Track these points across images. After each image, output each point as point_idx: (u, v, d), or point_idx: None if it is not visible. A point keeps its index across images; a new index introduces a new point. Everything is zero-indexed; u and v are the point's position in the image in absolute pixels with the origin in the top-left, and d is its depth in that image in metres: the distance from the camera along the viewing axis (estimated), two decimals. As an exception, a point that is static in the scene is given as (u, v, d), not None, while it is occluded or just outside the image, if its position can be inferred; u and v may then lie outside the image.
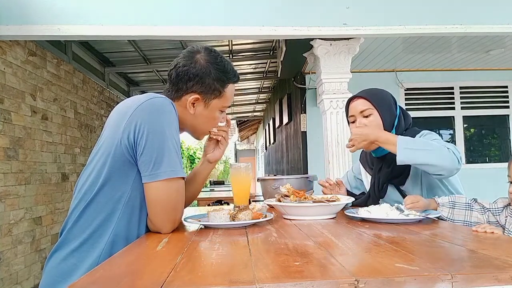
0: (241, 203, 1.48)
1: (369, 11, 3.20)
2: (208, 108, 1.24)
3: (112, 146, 1.07)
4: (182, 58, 1.22)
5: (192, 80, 1.19)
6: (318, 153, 4.65)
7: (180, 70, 1.20)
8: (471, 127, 5.76)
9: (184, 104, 1.22)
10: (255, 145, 18.31)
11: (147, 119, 1.05)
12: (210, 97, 1.22)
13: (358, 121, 1.57)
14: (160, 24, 3.05)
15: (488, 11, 3.24)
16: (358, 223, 1.22)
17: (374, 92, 1.59)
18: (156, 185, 1.05)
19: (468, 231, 1.08)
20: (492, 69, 5.45)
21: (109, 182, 1.07)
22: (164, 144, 1.05)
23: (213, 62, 1.21)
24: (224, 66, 1.23)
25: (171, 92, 1.24)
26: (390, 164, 1.55)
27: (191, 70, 1.19)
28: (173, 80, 1.22)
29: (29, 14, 2.92)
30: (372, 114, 1.55)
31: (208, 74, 1.20)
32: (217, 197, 6.15)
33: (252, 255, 0.81)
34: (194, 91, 1.20)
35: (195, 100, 1.21)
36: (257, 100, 9.93)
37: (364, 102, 1.56)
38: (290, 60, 4.66)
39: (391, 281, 0.61)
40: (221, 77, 1.22)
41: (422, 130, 1.57)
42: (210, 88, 1.21)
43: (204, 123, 1.27)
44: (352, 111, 1.59)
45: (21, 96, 3.55)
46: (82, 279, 0.67)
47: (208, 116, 1.26)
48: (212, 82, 1.21)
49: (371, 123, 1.54)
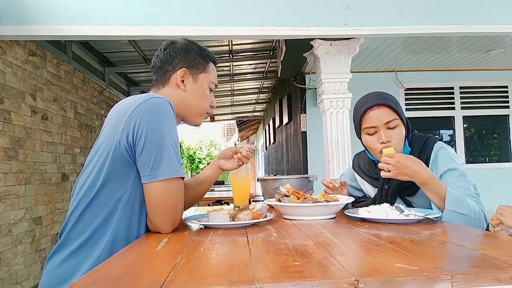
0: (241, 203, 1.48)
1: (369, 11, 3.20)
2: (197, 83, 1.28)
3: (111, 147, 1.06)
4: (162, 46, 1.30)
5: (176, 57, 1.26)
6: (318, 153, 4.65)
7: (162, 55, 1.27)
8: (471, 127, 5.76)
9: (175, 84, 1.26)
10: (255, 145, 18.31)
11: (146, 119, 1.05)
12: (196, 71, 1.28)
13: (383, 134, 1.36)
14: (160, 24, 3.05)
15: (488, 11, 3.24)
16: (358, 223, 1.22)
17: (393, 99, 1.39)
18: (155, 185, 1.04)
19: (468, 231, 1.08)
20: (492, 69, 5.45)
21: (109, 182, 1.07)
22: (163, 144, 1.05)
23: (191, 42, 1.31)
24: (201, 46, 1.32)
25: (159, 79, 1.28)
26: None
27: (173, 49, 1.27)
28: (158, 65, 1.27)
29: (29, 14, 2.92)
30: (398, 125, 1.36)
31: (189, 49, 1.28)
32: (217, 197, 6.15)
33: (252, 255, 0.81)
34: (180, 67, 1.26)
35: (183, 74, 1.25)
36: (257, 100, 9.93)
37: (389, 112, 1.36)
38: (290, 60, 4.66)
39: (391, 281, 0.61)
40: (202, 53, 1.30)
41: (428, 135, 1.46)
42: (195, 63, 1.28)
43: (197, 100, 1.29)
44: (375, 122, 1.37)
45: (21, 96, 3.55)
46: (82, 279, 0.67)
47: (199, 92, 1.29)
48: (195, 56, 1.28)
49: (399, 135, 1.37)
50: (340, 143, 3.33)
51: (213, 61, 1.34)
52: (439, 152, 1.38)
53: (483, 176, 5.13)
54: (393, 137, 1.36)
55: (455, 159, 1.39)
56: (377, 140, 1.38)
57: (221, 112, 11.36)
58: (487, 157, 5.76)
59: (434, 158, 1.38)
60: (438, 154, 1.38)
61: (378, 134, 1.38)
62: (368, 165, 1.58)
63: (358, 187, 1.72)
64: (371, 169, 1.57)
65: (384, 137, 1.36)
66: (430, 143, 1.41)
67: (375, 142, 1.39)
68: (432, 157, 1.39)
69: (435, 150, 1.39)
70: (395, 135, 1.36)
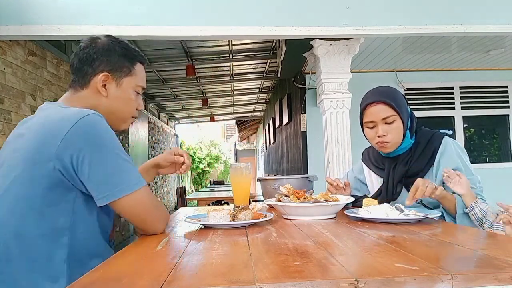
0: (241, 203, 1.48)
1: (369, 11, 3.20)
2: (121, 88, 1.16)
3: (37, 173, 0.95)
4: (82, 43, 1.16)
5: (97, 59, 1.13)
6: (318, 153, 4.65)
7: (81, 54, 1.13)
8: (471, 127, 5.76)
9: (95, 88, 1.13)
10: (255, 145, 18.31)
11: (86, 143, 0.96)
12: (120, 75, 1.15)
13: (381, 128, 1.49)
14: (160, 24, 3.05)
15: (488, 11, 3.24)
16: (358, 223, 1.22)
17: (393, 96, 1.50)
18: (125, 201, 0.99)
19: (468, 231, 1.08)
20: (492, 69, 5.45)
21: (44, 213, 0.96)
22: (114, 161, 0.99)
23: (115, 41, 1.17)
24: (127, 45, 1.19)
25: (77, 80, 1.14)
26: (406, 163, 1.53)
27: (93, 50, 1.13)
28: (77, 66, 1.14)
29: (29, 14, 2.92)
30: (395, 121, 1.48)
31: (112, 50, 1.14)
32: (217, 197, 6.15)
33: (252, 255, 0.81)
34: (101, 70, 1.13)
35: (105, 78, 1.13)
36: (257, 100, 9.93)
37: (386, 109, 1.48)
38: (290, 60, 4.66)
39: (391, 281, 0.61)
40: (126, 54, 1.17)
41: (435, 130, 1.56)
42: (118, 65, 1.15)
43: (121, 106, 1.17)
44: (373, 117, 1.50)
45: (21, 96, 3.55)
46: (82, 279, 0.67)
47: (123, 97, 1.17)
48: (118, 58, 1.15)
49: (396, 130, 1.49)
50: (340, 143, 3.33)
51: (140, 61, 1.22)
52: (447, 146, 1.49)
53: (483, 176, 5.07)
54: (389, 132, 1.49)
55: (462, 154, 1.50)
56: (375, 134, 1.53)
57: (221, 112, 11.37)
58: (487, 157, 5.76)
59: (443, 151, 1.49)
60: (447, 148, 1.49)
61: (376, 128, 1.52)
62: (377, 157, 1.70)
63: (365, 181, 1.79)
64: (379, 160, 1.69)
65: (380, 131, 1.50)
66: (437, 137, 1.52)
67: (374, 135, 1.54)
68: (441, 149, 1.49)
69: (444, 144, 1.50)
70: (391, 130, 1.49)
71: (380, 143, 1.52)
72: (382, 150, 1.57)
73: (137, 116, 1.24)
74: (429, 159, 1.51)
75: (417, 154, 1.53)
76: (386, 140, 1.50)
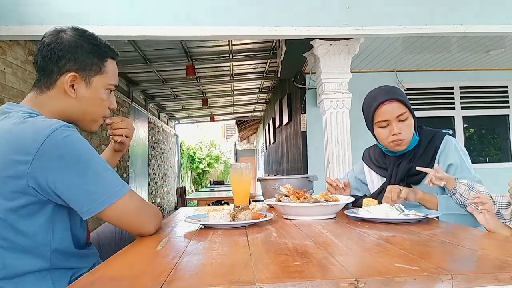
0: (241, 203, 1.48)
1: (369, 11, 3.20)
2: (91, 88, 1.07)
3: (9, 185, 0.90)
4: (46, 38, 1.05)
5: (63, 58, 1.03)
6: (318, 153, 4.65)
7: (45, 51, 1.03)
8: (471, 127, 5.76)
9: (62, 88, 1.04)
10: (255, 145, 18.32)
11: (60, 160, 0.91)
12: (89, 74, 1.06)
13: (395, 126, 1.49)
14: (160, 24, 3.05)
15: (488, 11, 3.24)
16: (358, 223, 1.22)
17: (401, 93, 1.53)
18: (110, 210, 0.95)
19: (468, 231, 1.08)
20: (492, 69, 5.45)
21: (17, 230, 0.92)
22: (93, 173, 0.94)
23: (82, 35, 1.06)
24: (96, 39, 1.09)
25: (42, 80, 1.05)
26: (410, 161, 1.54)
27: (58, 46, 1.03)
28: (41, 64, 1.04)
29: (29, 14, 2.92)
30: (408, 118, 1.50)
31: (79, 47, 1.04)
32: (217, 197, 6.15)
33: (252, 255, 0.81)
34: (68, 69, 1.03)
35: (73, 79, 1.04)
36: (257, 100, 9.93)
37: (399, 106, 1.49)
38: (290, 60, 4.66)
39: (391, 281, 0.61)
40: (96, 50, 1.07)
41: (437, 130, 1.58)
42: (87, 64, 1.05)
43: (92, 106, 1.09)
44: (387, 116, 1.50)
45: (21, 96, 3.55)
46: (82, 279, 0.67)
47: (93, 97, 1.08)
48: (87, 55, 1.05)
49: (409, 127, 1.50)
50: (340, 143, 3.33)
51: (111, 57, 1.12)
52: (447, 144, 1.52)
53: (483, 176, 5.09)
54: (403, 129, 1.50)
55: (462, 154, 1.51)
56: (389, 133, 1.52)
57: (221, 112, 11.37)
58: (487, 157, 5.75)
59: (443, 149, 1.52)
60: (447, 145, 1.52)
61: (390, 127, 1.52)
62: (378, 156, 1.71)
63: (365, 181, 1.80)
64: (380, 159, 1.69)
65: (395, 129, 1.50)
66: (439, 136, 1.55)
67: (387, 134, 1.53)
68: (441, 148, 1.52)
69: (444, 142, 1.52)
70: (405, 127, 1.50)
71: (395, 141, 1.52)
72: (396, 148, 1.55)
73: (108, 115, 1.17)
74: (431, 158, 1.52)
75: (420, 152, 1.55)
76: (401, 137, 1.50)
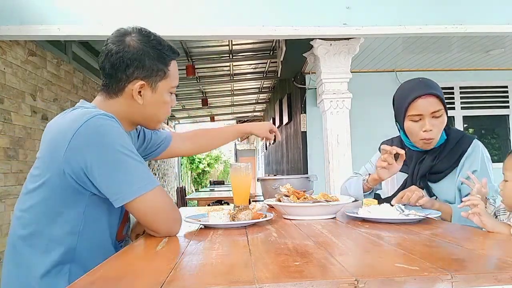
0: (241, 203, 1.47)
1: (369, 11, 3.20)
2: (157, 93, 1.11)
3: (52, 176, 0.97)
4: (112, 44, 1.07)
5: (131, 66, 1.06)
6: (318, 153, 4.65)
7: (114, 59, 1.06)
8: (471, 127, 5.76)
9: (130, 94, 1.09)
10: (255, 145, 18.31)
11: (92, 145, 0.95)
12: (155, 80, 1.10)
13: (428, 122, 1.43)
14: (160, 24, 3.05)
15: (488, 11, 3.24)
16: (358, 223, 1.22)
17: (439, 89, 1.47)
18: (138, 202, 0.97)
19: (468, 231, 1.08)
20: (492, 69, 5.45)
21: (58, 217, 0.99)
22: (124, 162, 0.96)
23: (147, 41, 1.09)
24: (160, 43, 1.11)
25: (110, 86, 1.09)
26: (434, 158, 1.49)
27: (126, 55, 1.05)
28: (109, 71, 1.07)
29: (29, 14, 2.92)
30: (442, 115, 1.45)
31: (146, 55, 1.07)
32: (217, 197, 6.15)
33: (252, 255, 0.81)
34: (136, 77, 1.07)
35: (141, 87, 1.08)
36: (257, 100, 9.93)
37: (436, 102, 1.43)
38: (290, 60, 4.66)
39: (391, 281, 0.61)
40: (160, 55, 1.10)
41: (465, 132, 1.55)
42: (153, 70, 1.08)
43: (156, 110, 1.14)
44: (422, 110, 1.43)
45: (21, 96, 3.55)
46: (82, 279, 0.67)
47: (158, 101, 1.13)
48: (153, 62, 1.08)
49: (441, 125, 1.45)
50: (340, 143, 3.33)
51: (173, 58, 1.15)
52: (475, 149, 1.48)
53: (483, 176, 5.11)
54: (436, 126, 1.44)
55: (486, 160, 1.48)
56: (420, 128, 1.45)
57: (221, 112, 11.37)
58: (487, 157, 5.75)
59: (470, 153, 1.48)
60: (475, 150, 1.48)
61: (422, 122, 1.44)
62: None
63: None
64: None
65: (428, 125, 1.43)
66: (468, 139, 1.51)
67: (418, 129, 1.46)
68: (469, 151, 1.48)
69: (472, 146, 1.48)
70: (438, 124, 1.44)
71: (425, 140, 1.46)
72: (425, 147, 1.50)
73: (169, 114, 1.24)
74: (456, 159, 1.48)
75: (445, 152, 1.50)
76: (432, 136, 1.44)
